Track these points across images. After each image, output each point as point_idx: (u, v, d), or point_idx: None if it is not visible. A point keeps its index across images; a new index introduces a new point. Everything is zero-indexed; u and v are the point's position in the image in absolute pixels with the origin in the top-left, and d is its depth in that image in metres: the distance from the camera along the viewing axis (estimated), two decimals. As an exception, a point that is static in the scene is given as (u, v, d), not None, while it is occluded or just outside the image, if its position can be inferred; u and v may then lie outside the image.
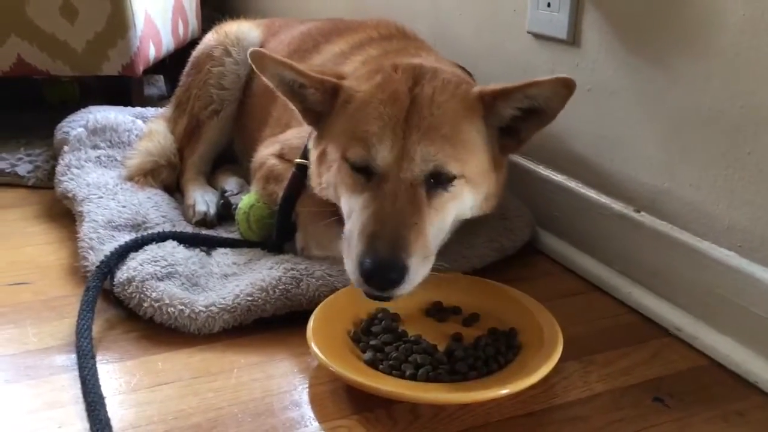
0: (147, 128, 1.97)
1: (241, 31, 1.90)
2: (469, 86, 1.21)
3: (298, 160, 1.40)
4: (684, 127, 1.26)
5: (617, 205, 1.42)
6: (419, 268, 1.08)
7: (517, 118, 1.21)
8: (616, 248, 1.42)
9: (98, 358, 1.16)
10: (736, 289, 1.17)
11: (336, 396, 1.09)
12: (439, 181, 1.13)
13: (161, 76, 3.12)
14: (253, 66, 1.20)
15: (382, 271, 1.05)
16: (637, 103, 1.35)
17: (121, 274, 1.31)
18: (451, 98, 1.16)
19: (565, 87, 1.13)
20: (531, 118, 1.20)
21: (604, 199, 1.45)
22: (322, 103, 1.23)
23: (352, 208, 1.16)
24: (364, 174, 1.14)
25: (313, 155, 1.30)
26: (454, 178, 1.14)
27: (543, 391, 1.11)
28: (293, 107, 1.27)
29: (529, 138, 1.24)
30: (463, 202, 1.19)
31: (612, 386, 1.13)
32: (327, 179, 1.25)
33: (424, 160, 1.11)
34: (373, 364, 1.11)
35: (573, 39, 1.48)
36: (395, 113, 1.13)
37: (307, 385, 1.12)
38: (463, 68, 1.50)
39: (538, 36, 1.59)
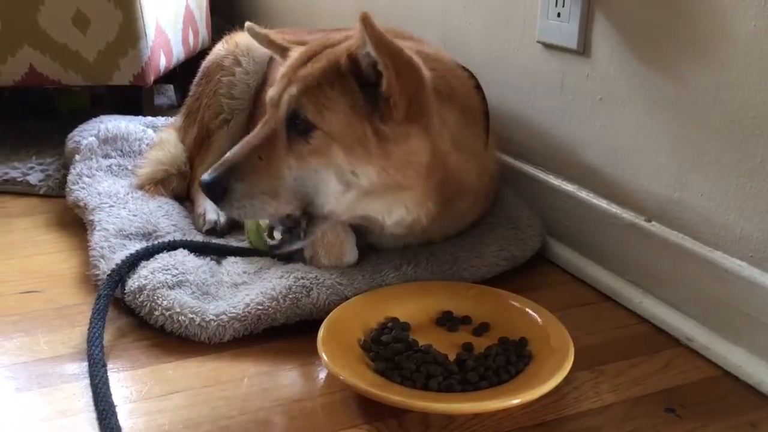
0: (157, 137, 1.98)
1: (252, 41, 1.91)
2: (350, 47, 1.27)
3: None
4: (695, 136, 1.26)
5: (628, 215, 1.41)
6: (245, 196, 1.23)
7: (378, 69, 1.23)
8: (627, 258, 1.42)
9: (109, 366, 1.17)
10: (748, 300, 1.17)
11: (346, 405, 1.09)
12: (295, 124, 1.24)
13: (171, 86, 3.14)
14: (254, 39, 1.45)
15: (209, 185, 1.23)
16: (648, 113, 1.35)
17: (132, 282, 1.31)
18: (330, 57, 1.26)
19: (360, 21, 1.22)
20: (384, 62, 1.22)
21: (614, 208, 1.45)
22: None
23: None
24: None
25: None
26: (312, 127, 1.22)
27: (554, 401, 1.10)
28: None
29: (396, 99, 1.22)
30: (330, 160, 1.23)
31: (624, 397, 1.12)
32: None
33: (285, 102, 1.25)
34: (383, 373, 1.11)
35: (583, 49, 1.48)
36: (290, 67, 1.29)
37: (317, 394, 1.12)
38: (466, 70, 1.50)
39: (547, 45, 1.59)
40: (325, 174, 1.24)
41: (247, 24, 1.50)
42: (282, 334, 1.27)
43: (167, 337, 1.25)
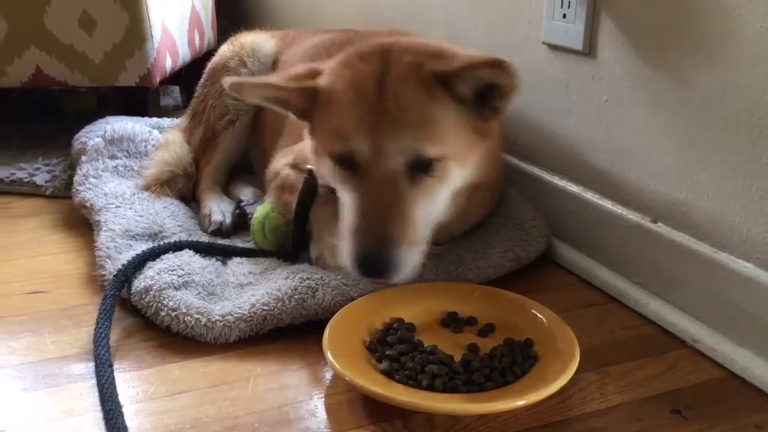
0: (163, 138, 1.98)
1: (256, 42, 1.92)
2: (428, 65, 1.20)
3: (311, 167, 1.41)
4: (701, 137, 1.26)
5: (634, 216, 1.41)
6: (408, 256, 1.15)
7: (481, 91, 1.21)
8: (632, 259, 1.42)
9: (116, 366, 1.17)
10: (754, 301, 1.16)
11: (352, 406, 1.09)
12: (420, 166, 1.17)
13: (177, 87, 3.15)
14: (234, 95, 1.25)
15: (371, 265, 1.14)
16: (653, 114, 1.35)
17: (138, 282, 1.31)
18: (411, 85, 1.18)
19: (495, 65, 1.14)
20: (493, 90, 1.20)
21: (620, 209, 1.45)
22: (306, 105, 1.26)
23: (344, 201, 1.23)
24: (349, 169, 1.20)
25: (311, 149, 1.34)
26: (435, 160, 1.18)
27: (560, 403, 1.10)
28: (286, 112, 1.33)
29: (504, 106, 1.23)
30: (451, 179, 1.23)
31: (629, 398, 1.12)
32: (322, 173, 1.31)
33: (397, 152, 1.15)
34: (388, 374, 1.11)
35: (589, 50, 1.48)
36: (365, 110, 1.16)
37: (323, 395, 1.12)
38: None
39: (553, 47, 1.59)
40: (444, 193, 1.23)
41: (230, 83, 1.26)
42: (288, 334, 1.27)
43: (173, 338, 1.25)
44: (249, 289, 1.35)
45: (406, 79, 1.18)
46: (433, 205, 1.21)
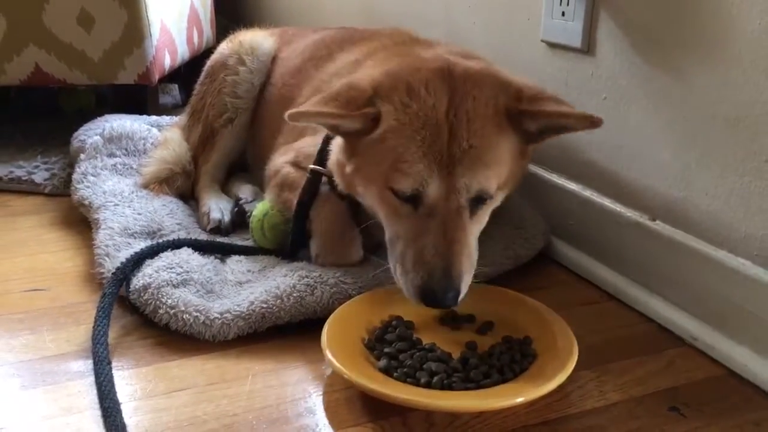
0: (162, 137, 1.98)
1: (255, 40, 1.92)
2: (498, 99, 1.19)
3: (312, 166, 1.41)
4: (700, 135, 1.26)
5: (632, 214, 1.41)
6: (468, 283, 1.16)
7: (540, 129, 1.22)
8: (631, 257, 1.42)
9: (114, 364, 1.17)
10: (752, 299, 1.16)
11: (350, 403, 1.09)
12: (480, 200, 1.18)
13: (176, 85, 3.14)
14: (289, 122, 1.17)
15: (441, 298, 1.13)
16: (652, 112, 1.35)
17: (137, 280, 1.31)
18: (484, 122, 1.16)
19: (591, 125, 1.17)
20: (552, 130, 1.22)
21: (619, 207, 1.45)
22: (359, 130, 1.20)
23: (399, 232, 1.20)
24: (410, 201, 1.17)
25: (341, 163, 1.29)
26: (491, 194, 1.19)
27: (558, 400, 1.10)
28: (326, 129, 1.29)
29: (552, 137, 1.25)
30: (496, 203, 1.25)
31: (628, 395, 1.12)
32: (363, 195, 1.28)
33: (468, 190, 1.15)
34: (387, 371, 1.11)
35: (587, 48, 1.48)
36: (438, 148, 1.14)
37: (321, 393, 1.12)
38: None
39: (552, 45, 1.59)
40: (488, 215, 1.25)
41: (289, 114, 1.16)
42: (286, 332, 1.27)
43: (172, 335, 1.25)
44: (248, 287, 1.35)
45: (479, 115, 1.16)
46: (480, 230, 1.23)
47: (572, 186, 1.57)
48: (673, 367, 1.21)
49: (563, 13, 1.52)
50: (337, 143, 1.33)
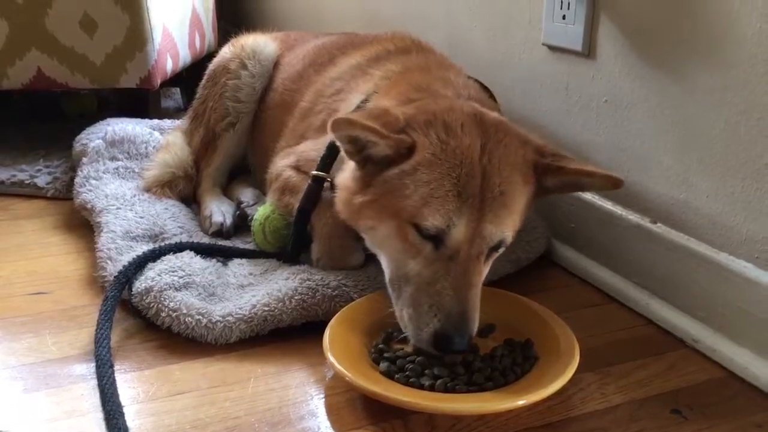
0: (164, 140, 1.99)
1: (257, 44, 1.92)
2: (524, 150, 1.20)
3: (315, 172, 1.41)
4: (701, 138, 1.26)
5: (633, 217, 1.41)
6: (476, 326, 1.13)
7: (557, 185, 1.23)
8: (632, 260, 1.42)
9: (116, 367, 1.17)
10: (753, 301, 1.17)
11: (352, 406, 1.09)
12: (497, 248, 1.17)
13: (178, 89, 3.15)
14: (330, 129, 1.13)
15: (456, 345, 1.09)
16: (653, 115, 1.36)
17: (139, 284, 1.32)
18: (513, 170, 1.16)
19: (614, 185, 1.18)
20: (568, 186, 1.25)
21: (620, 210, 1.45)
22: (386, 157, 1.16)
23: (411, 273, 1.14)
24: (430, 241, 1.13)
25: (351, 191, 1.24)
26: (506, 243, 1.18)
27: (560, 403, 1.10)
28: (344, 150, 1.21)
29: (557, 194, 1.28)
30: (501, 252, 1.22)
31: (629, 398, 1.12)
32: (373, 229, 1.22)
33: (492, 239, 1.13)
34: (389, 374, 1.11)
35: (588, 51, 1.49)
36: (472, 190, 1.11)
37: (323, 395, 1.13)
38: (484, 87, 1.50)
39: (553, 48, 1.60)
40: None
41: (334, 120, 1.12)
42: (288, 335, 1.27)
43: (174, 339, 1.25)
44: (249, 290, 1.36)
45: (510, 163, 1.16)
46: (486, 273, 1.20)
47: (573, 189, 1.57)
48: (674, 369, 1.21)
49: (564, 17, 1.53)
50: (348, 169, 1.27)
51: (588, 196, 1.52)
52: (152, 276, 1.33)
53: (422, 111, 1.20)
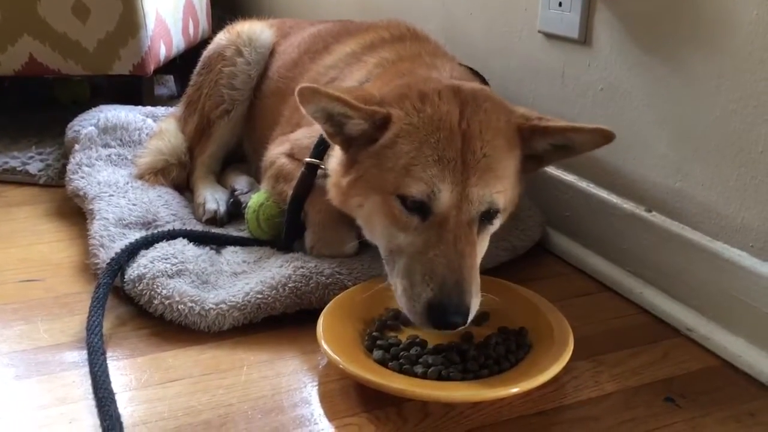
0: (158, 127, 1.98)
1: (253, 31, 1.91)
2: (508, 116, 1.19)
3: (308, 159, 1.40)
4: (696, 126, 1.25)
5: (628, 205, 1.41)
6: (476, 304, 1.10)
7: (546, 150, 1.22)
8: (627, 248, 1.42)
9: (109, 354, 1.17)
10: (748, 290, 1.16)
11: (346, 394, 1.09)
12: (487, 217, 1.15)
13: (171, 77, 3.13)
14: (298, 99, 1.12)
15: (451, 316, 1.06)
16: (649, 103, 1.35)
17: (132, 271, 1.31)
18: (496, 134, 1.15)
19: (604, 137, 1.16)
20: (559, 151, 1.22)
21: (615, 199, 1.44)
22: (364, 133, 1.16)
23: (402, 245, 1.13)
24: (417, 213, 1.12)
25: (340, 174, 1.24)
26: (498, 212, 1.16)
27: (553, 391, 1.10)
28: (324, 132, 1.21)
29: (550, 164, 1.26)
30: (495, 227, 1.20)
31: (623, 386, 1.12)
32: (361, 207, 1.21)
33: (480, 202, 1.11)
34: (382, 362, 1.11)
35: (584, 38, 1.48)
36: (452, 155, 1.10)
37: (316, 383, 1.12)
38: (476, 72, 1.49)
39: (549, 35, 1.59)
40: (488, 239, 1.21)
41: (301, 87, 1.12)
42: (281, 323, 1.27)
43: (167, 326, 1.25)
44: (243, 277, 1.35)
45: (491, 126, 1.14)
46: (482, 254, 1.19)
47: (568, 177, 1.57)
48: (668, 357, 1.21)
49: (560, 4, 1.52)
50: (335, 155, 1.28)
51: (583, 184, 1.52)
52: (145, 263, 1.32)
53: (397, 86, 1.21)
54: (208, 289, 1.31)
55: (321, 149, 1.39)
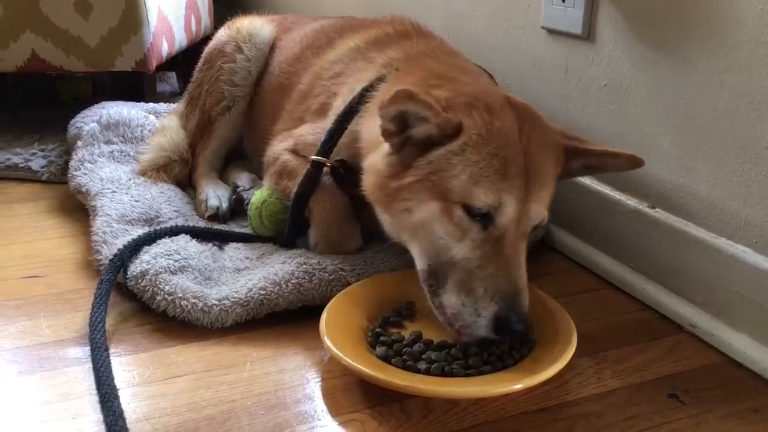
0: (160, 124, 1.97)
1: (254, 27, 1.90)
2: (554, 134, 1.22)
3: (315, 158, 1.40)
4: (700, 122, 1.25)
5: (632, 202, 1.41)
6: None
7: (577, 169, 1.26)
8: (630, 245, 1.41)
9: (111, 350, 1.17)
10: (752, 286, 1.16)
11: (349, 390, 1.09)
12: (534, 229, 1.18)
13: (173, 73, 3.13)
14: (388, 102, 1.10)
15: (514, 325, 1.08)
16: (652, 99, 1.35)
17: (135, 267, 1.31)
18: (550, 151, 1.18)
19: (633, 164, 1.21)
20: (587, 170, 1.28)
21: (618, 195, 1.44)
22: (429, 137, 1.15)
23: (456, 257, 1.12)
24: (478, 222, 1.11)
25: (385, 175, 1.20)
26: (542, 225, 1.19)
27: (557, 387, 1.10)
28: (381, 129, 1.18)
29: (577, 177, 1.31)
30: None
31: (626, 382, 1.12)
32: (411, 211, 1.17)
33: (536, 218, 1.15)
34: (386, 358, 1.11)
35: (588, 34, 1.47)
36: (517, 170, 1.12)
37: (319, 379, 1.12)
38: (487, 72, 1.49)
39: (552, 31, 1.58)
40: None
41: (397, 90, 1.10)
42: (284, 319, 1.27)
43: (169, 322, 1.25)
44: (246, 273, 1.35)
45: (547, 145, 1.18)
46: None
47: (571, 174, 1.56)
48: (671, 354, 1.21)
49: (563, 0, 1.51)
50: (380, 153, 1.24)
51: (587, 180, 1.52)
52: (147, 259, 1.32)
53: (460, 94, 1.19)
54: (210, 285, 1.30)
55: (328, 147, 1.39)
